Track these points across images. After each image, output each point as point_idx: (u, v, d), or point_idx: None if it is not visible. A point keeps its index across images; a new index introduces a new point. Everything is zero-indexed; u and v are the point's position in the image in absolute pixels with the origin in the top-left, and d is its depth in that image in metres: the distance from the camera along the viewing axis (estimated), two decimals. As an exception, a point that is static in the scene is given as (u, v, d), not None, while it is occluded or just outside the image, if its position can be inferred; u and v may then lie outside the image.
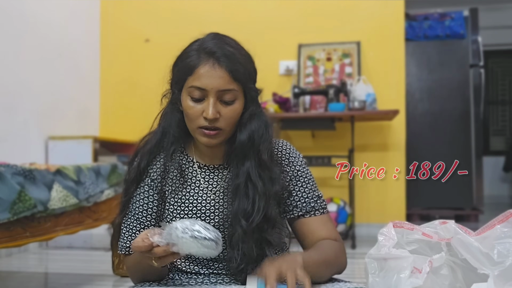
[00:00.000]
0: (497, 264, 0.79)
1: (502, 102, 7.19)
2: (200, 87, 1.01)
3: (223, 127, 1.03)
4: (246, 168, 1.05)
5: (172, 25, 3.98)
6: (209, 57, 1.02)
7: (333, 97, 3.42)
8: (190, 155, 1.14)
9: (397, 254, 0.86)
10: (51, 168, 2.06)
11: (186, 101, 1.04)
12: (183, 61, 1.06)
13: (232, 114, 1.03)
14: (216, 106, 1.01)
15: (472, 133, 4.17)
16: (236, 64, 1.02)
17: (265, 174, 1.06)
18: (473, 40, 4.21)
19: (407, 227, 0.93)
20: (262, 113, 1.10)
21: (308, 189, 1.12)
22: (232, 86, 1.02)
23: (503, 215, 0.84)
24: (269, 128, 1.09)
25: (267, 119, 1.10)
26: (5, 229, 1.73)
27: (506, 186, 6.79)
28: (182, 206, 1.09)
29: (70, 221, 2.13)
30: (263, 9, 3.89)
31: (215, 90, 1.01)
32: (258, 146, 1.06)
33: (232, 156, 1.08)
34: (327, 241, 1.07)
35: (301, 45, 3.82)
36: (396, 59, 3.73)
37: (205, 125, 1.02)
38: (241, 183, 1.05)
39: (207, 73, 1.01)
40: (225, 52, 1.03)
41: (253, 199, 1.03)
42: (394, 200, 3.70)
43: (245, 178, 1.05)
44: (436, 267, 0.86)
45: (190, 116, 1.03)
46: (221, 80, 1.01)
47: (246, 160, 1.06)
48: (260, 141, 1.06)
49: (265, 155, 1.06)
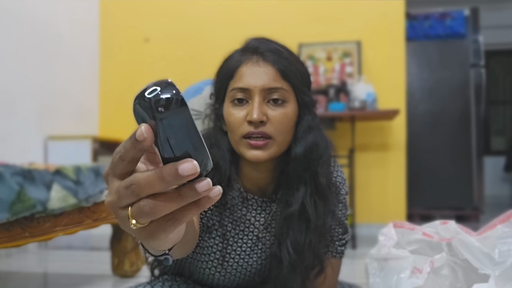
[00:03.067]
0: (498, 264, 0.78)
1: (503, 102, 7.19)
2: (242, 88, 0.86)
3: (272, 133, 0.85)
4: (300, 193, 0.88)
5: (172, 25, 3.98)
6: (252, 54, 0.89)
7: (333, 96, 3.41)
8: (237, 184, 0.95)
9: (397, 254, 0.85)
10: (50, 168, 2.05)
11: (227, 109, 0.88)
12: (223, 67, 0.91)
13: (282, 118, 0.86)
14: (262, 107, 0.85)
15: (473, 133, 4.16)
16: (284, 60, 0.88)
17: (321, 204, 0.89)
18: (474, 40, 4.20)
19: (408, 227, 0.93)
20: (321, 129, 0.93)
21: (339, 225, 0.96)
22: (280, 84, 0.86)
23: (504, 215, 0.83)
24: (330, 147, 0.93)
25: (326, 137, 0.93)
26: (4, 230, 1.72)
27: (507, 186, 6.78)
28: (231, 241, 0.94)
29: (69, 221, 2.12)
30: (263, 9, 3.88)
31: (260, 88, 0.85)
32: (316, 167, 0.88)
33: (284, 178, 0.90)
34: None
35: (301, 44, 3.82)
36: (397, 58, 3.73)
37: (250, 131, 0.84)
38: (294, 213, 0.87)
39: (249, 70, 0.86)
40: (271, 47, 0.89)
41: (306, 233, 0.87)
42: (395, 200, 3.69)
43: (298, 206, 0.87)
44: (437, 267, 0.85)
45: (232, 125, 0.86)
46: (266, 76, 0.86)
47: (301, 183, 0.88)
48: (319, 161, 0.89)
49: (323, 179, 0.89)
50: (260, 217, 0.95)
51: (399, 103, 3.62)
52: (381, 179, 3.71)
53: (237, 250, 0.93)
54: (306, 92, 0.91)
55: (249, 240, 0.94)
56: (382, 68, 3.73)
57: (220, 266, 0.93)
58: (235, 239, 0.94)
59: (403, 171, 3.70)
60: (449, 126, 4.16)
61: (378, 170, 3.72)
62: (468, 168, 4.14)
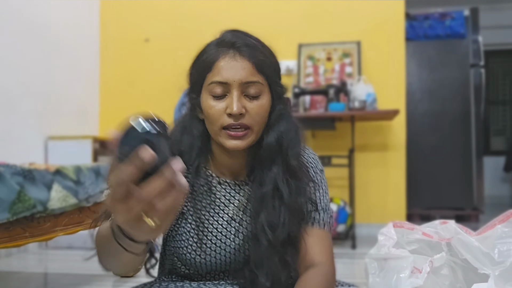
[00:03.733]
0: (497, 264, 0.78)
1: (503, 102, 7.19)
2: (221, 81, 0.91)
3: (250, 124, 0.91)
4: (273, 174, 0.94)
5: (172, 25, 3.98)
6: (229, 48, 0.92)
7: (333, 97, 3.41)
8: (209, 169, 1.02)
9: (397, 254, 0.85)
10: (51, 168, 2.05)
11: (206, 101, 0.93)
12: (200, 60, 0.96)
13: (259, 110, 0.92)
14: (241, 100, 0.91)
15: (473, 133, 4.16)
16: (259, 54, 0.93)
17: (293, 182, 0.94)
18: (474, 40, 4.20)
19: (407, 227, 0.93)
20: (291, 116, 1.00)
21: (316, 197, 1.00)
22: (257, 78, 0.92)
23: (504, 215, 0.83)
24: (299, 131, 0.99)
25: (296, 123, 1.00)
26: (5, 229, 1.72)
27: (507, 186, 6.78)
28: (206, 223, 0.98)
29: (69, 221, 2.12)
30: (263, 9, 3.88)
31: (238, 82, 0.90)
32: (287, 150, 0.95)
33: (257, 161, 0.97)
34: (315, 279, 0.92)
35: (301, 45, 3.82)
36: (397, 59, 3.73)
37: (229, 123, 0.91)
38: (268, 192, 0.93)
39: (227, 65, 0.91)
40: (247, 41, 0.93)
41: (279, 211, 0.93)
42: (394, 200, 3.70)
43: (272, 186, 0.93)
44: (437, 267, 0.85)
45: (212, 116, 0.92)
46: (243, 71, 0.91)
47: (273, 165, 0.94)
48: (289, 145, 0.95)
49: (294, 161, 0.95)
50: (234, 200, 1.00)
51: (399, 103, 3.63)
52: (381, 179, 3.71)
53: (213, 231, 0.98)
54: (279, 83, 0.97)
55: (224, 222, 0.98)
56: (382, 68, 3.73)
57: (199, 249, 0.97)
58: (210, 222, 0.98)
59: (402, 171, 3.71)
60: (449, 126, 4.16)
61: (378, 170, 3.72)
62: (468, 168, 4.15)
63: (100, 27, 4.13)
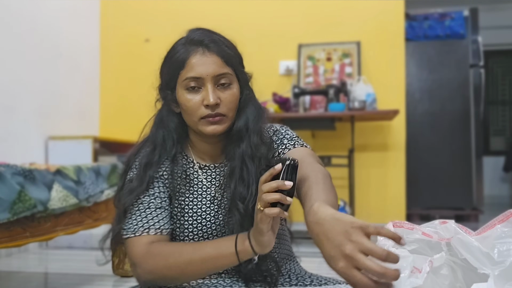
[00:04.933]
0: (497, 264, 0.79)
1: (502, 102, 7.19)
2: (195, 77, 1.01)
3: (225, 112, 1.03)
4: (241, 150, 1.05)
5: (172, 25, 3.98)
6: (198, 46, 1.03)
7: (333, 97, 3.42)
8: (190, 157, 1.13)
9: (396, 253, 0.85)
10: (51, 168, 2.06)
11: (183, 96, 1.03)
12: (171, 59, 1.07)
13: (231, 98, 1.03)
14: (215, 91, 1.01)
15: (472, 133, 4.17)
16: (225, 48, 1.04)
17: (257, 156, 1.05)
18: (473, 40, 4.20)
19: (407, 226, 0.93)
20: (255, 98, 1.12)
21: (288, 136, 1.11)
22: (226, 70, 1.03)
23: (503, 215, 0.84)
24: (262, 112, 1.10)
25: (259, 103, 1.12)
26: (5, 229, 1.73)
27: (506, 186, 6.78)
28: (186, 208, 1.07)
29: (70, 221, 2.13)
30: (263, 9, 3.89)
31: (211, 76, 1.01)
32: (251, 129, 1.06)
33: (228, 142, 1.08)
34: (320, 174, 0.94)
35: (301, 45, 3.82)
36: (396, 59, 3.73)
37: (207, 113, 1.01)
38: (236, 166, 1.04)
39: (199, 61, 1.01)
40: (213, 38, 1.04)
41: (248, 182, 1.03)
42: (394, 200, 3.70)
43: (240, 161, 1.04)
44: (436, 267, 0.86)
45: (190, 109, 1.02)
46: (214, 65, 1.01)
47: (241, 143, 1.05)
48: (253, 125, 1.07)
49: (255, 137, 1.06)
50: (216, 181, 1.10)
51: (398, 103, 3.63)
52: (380, 179, 3.72)
53: (197, 212, 1.06)
54: (243, 71, 1.09)
55: (208, 201, 1.07)
56: (382, 68, 3.74)
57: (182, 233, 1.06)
58: (190, 205, 1.07)
59: (402, 171, 3.71)
60: (449, 126, 4.17)
61: (377, 170, 3.73)
62: (468, 168, 4.15)
63: (100, 28, 4.13)
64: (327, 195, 0.84)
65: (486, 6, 5.70)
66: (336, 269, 0.70)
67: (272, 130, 1.13)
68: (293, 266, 1.17)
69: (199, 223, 1.06)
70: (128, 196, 1.05)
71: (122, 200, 1.06)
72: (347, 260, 0.67)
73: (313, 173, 0.92)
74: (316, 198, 0.81)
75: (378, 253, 0.66)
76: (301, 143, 1.10)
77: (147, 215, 1.02)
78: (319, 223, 0.73)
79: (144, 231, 1.00)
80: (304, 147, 1.09)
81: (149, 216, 1.02)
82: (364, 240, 0.67)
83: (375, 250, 0.66)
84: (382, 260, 0.65)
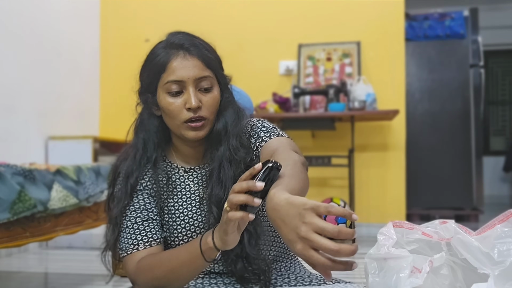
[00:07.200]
0: (497, 264, 0.78)
1: (502, 102, 7.19)
2: (176, 80, 1.01)
3: (206, 115, 1.03)
4: (219, 153, 1.05)
5: (172, 25, 3.96)
6: (178, 50, 1.03)
7: (333, 97, 3.42)
8: (173, 162, 1.12)
9: (396, 253, 0.85)
10: (51, 168, 2.06)
11: (164, 99, 1.03)
12: (152, 62, 1.06)
13: (212, 102, 1.04)
14: (197, 95, 1.02)
15: (472, 133, 4.17)
16: (205, 52, 1.04)
17: (235, 159, 1.05)
18: (473, 40, 4.20)
19: (407, 226, 0.93)
20: (234, 101, 1.12)
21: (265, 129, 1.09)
22: (207, 73, 1.03)
23: (503, 215, 0.84)
24: (241, 115, 1.10)
25: (239, 106, 1.12)
26: (5, 229, 1.73)
27: (506, 186, 6.79)
28: (177, 213, 1.07)
29: (70, 221, 2.13)
30: (263, 9, 3.89)
31: (192, 79, 1.01)
32: (230, 132, 1.06)
33: (208, 144, 1.08)
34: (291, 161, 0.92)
35: (301, 45, 3.82)
36: (396, 59, 3.73)
37: (189, 117, 1.01)
38: (215, 168, 1.04)
39: (180, 64, 1.01)
40: (193, 42, 1.05)
41: (225, 185, 1.02)
42: (394, 200, 3.70)
43: (218, 163, 1.04)
44: (436, 266, 0.86)
45: (172, 112, 1.02)
46: (195, 68, 1.02)
47: (220, 146, 1.05)
48: (233, 129, 1.06)
49: (234, 141, 1.05)
50: (202, 181, 1.09)
51: (398, 103, 3.63)
52: (380, 179, 3.72)
53: (181, 215, 1.07)
54: (223, 74, 1.09)
55: (197, 203, 1.08)
56: (382, 68, 3.74)
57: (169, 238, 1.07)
58: (188, 209, 1.07)
59: (402, 171, 3.71)
60: (449, 126, 4.17)
61: (377, 170, 3.73)
62: (467, 168, 4.15)
63: (100, 28, 4.13)
64: (289, 181, 0.82)
65: (486, 6, 5.70)
66: (295, 252, 0.71)
67: (249, 125, 1.12)
68: (293, 266, 1.17)
69: (191, 225, 1.07)
70: (116, 206, 1.07)
71: (111, 210, 1.09)
72: (303, 241, 0.69)
73: (283, 161, 0.88)
74: (276, 184, 0.80)
75: (330, 231, 0.67)
76: (277, 133, 1.08)
77: (135, 231, 1.04)
78: (275, 209, 0.74)
79: (133, 248, 1.03)
80: (280, 136, 1.07)
81: (136, 231, 1.04)
82: (316, 220, 0.68)
83: (327, 228, 0.67)
84: (335, 237, 0.67)
